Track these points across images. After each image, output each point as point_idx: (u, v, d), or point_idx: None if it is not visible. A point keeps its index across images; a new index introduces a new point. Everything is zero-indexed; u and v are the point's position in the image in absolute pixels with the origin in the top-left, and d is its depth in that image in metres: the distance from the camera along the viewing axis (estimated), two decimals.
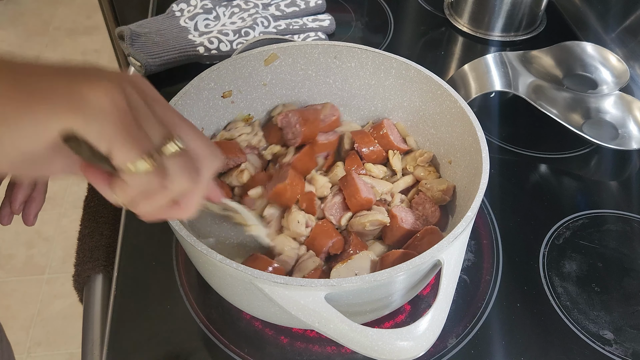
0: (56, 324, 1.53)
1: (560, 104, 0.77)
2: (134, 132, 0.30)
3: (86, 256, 0.66)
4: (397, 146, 0.65)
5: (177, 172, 0.33)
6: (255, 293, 0.45)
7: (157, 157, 0.31)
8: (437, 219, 0.59)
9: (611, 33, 0.92)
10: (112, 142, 0.29)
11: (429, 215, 0.59)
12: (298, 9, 0.92)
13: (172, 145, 0.32)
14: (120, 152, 0.30)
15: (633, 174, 0.75)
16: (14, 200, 0.53)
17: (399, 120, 0.68)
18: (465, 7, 0.95)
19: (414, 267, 0.43)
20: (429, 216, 0.59)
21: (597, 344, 0.56)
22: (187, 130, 0.34)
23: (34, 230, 1.71)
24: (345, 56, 0.66)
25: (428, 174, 0.63)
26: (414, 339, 0.41)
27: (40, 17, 2.55)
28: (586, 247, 0.64)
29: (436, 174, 0.64)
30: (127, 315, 0.56)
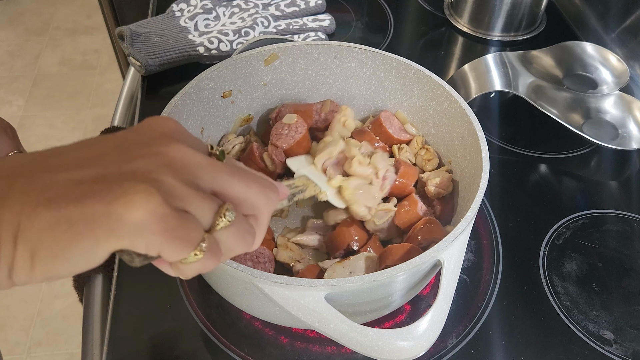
0: (56, 324, 1.53)
1: (560, 104, 0.77)
2: (179, 231, 0.30)
3: None
4: (398, 139, 0.65)
5: (232, 243, 0.33)
6: (255, 293, 0.45)
7: (209, 238, 0.31)
8: (438, 213, 0.59)
9: (611, 33, 0.92)
10: (161, 248, 0.30)
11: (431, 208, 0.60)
12: (298, 9, 0.92)
13: (222, 221, 0.32)
14: (171, 254, 0.30)
15: (633, 174, 0.75)
16: None
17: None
18: (465, 7, 0.95)
19: (414, 267, 0.43)
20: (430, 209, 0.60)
21: (597, 344, 0.56)
22: (237, 184, 0.33)
23: None
24: (345, 56, 0.66)
25: (426, 162, 0.63)
26: (414, 339, 0.41)
27: (40, 17, 2.56)
28: (586, 247, 0.64)
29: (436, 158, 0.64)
30: (127, 315, 0.56)
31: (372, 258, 0.53)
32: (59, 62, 2.33)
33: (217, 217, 0.31)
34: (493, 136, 0.77)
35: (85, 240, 0.28)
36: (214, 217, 0.31)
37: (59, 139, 1.99)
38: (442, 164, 0.64)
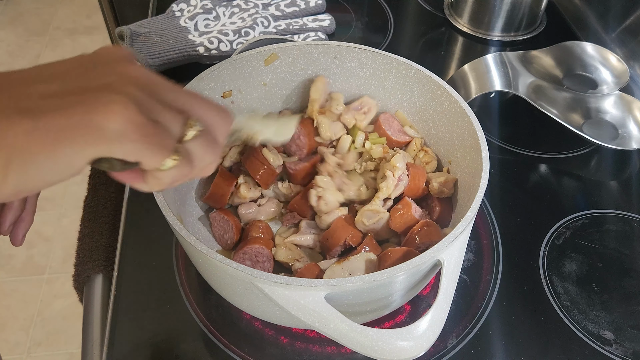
0: (56, 324, 1.53)
1: (560, 104, 0.77)
2: (155, 137, 0.32)
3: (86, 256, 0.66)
4: (396, 140, 0.65)
5: (201, 152, 0.35)
6: (255, 293, 0.45)
7: (181, 147, 0.34)
8: (437, 215, 0.59)
9: (611, 33, 0.92)
10: (139, 154, 0.31)
11: (430, 211, 0.60)
12: (298, 9, 0.92)
13: (190, 131, 0.34)
14: (149, 159, 0.32)
15: (633, 174, 0.75)
16: (2, 221, 0.53)
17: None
18: (465, 7, 0.95)
19: (414, 267, 0.43)
20: (429, 211, 0.60)
21: (597, 344, 0.56)
22: (197, 105, 0.36)
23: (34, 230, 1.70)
24: (345, 56, 0.66)
25: (425, 165, 0.63)
26: (414, 339, 0.41)
27: (40, 17, 2.55)
28: (586, 247, 0.64)
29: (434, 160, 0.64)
30: (127, 315, 0.56)
31: (371, 259, 0.53)
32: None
33: (186, 128, 0.34)
34: (493, 136, 0.77)
35: (64, 148, 0.29)
36: (182, 128, 0.34)
37: None
38: (441, 166, 0.64)
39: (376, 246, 0.56)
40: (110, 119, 0.30)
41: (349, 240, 0.57)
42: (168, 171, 0.34)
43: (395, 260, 0.51)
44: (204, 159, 0.36)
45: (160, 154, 0.33)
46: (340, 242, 0.57)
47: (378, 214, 0.58)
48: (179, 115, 0.34)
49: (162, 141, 0.32)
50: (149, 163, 0.33)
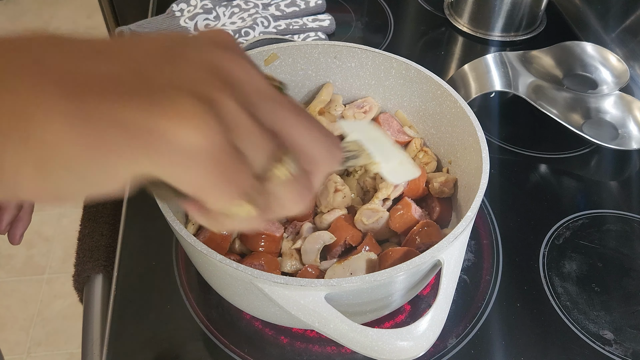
0: (56, 324, 1.53)
1: (560, 104, 0.77)
2: (230, 174, 0.23)
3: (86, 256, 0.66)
4: (396, 140, 0.65)
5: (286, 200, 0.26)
6: (255, 293, 0.45)
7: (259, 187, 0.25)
8: (437, 215, 0.59)
9: (611, 33, 0.92)
10: (203, 190, 0.23)
11: (429, 211, 0.60)
12: (298, 9, 0.92)
13: (280, 171, 0.25)
14: (213, 199, 0.24)
15: (633, 174, 0.75)
16: (0, 221, 0.53)
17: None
18: (465, 7, 0.95)
19: (414, 267, 0.43)
20: (429, 211, 0.60)
21: (597, 344, 0.56)
22: (302, 129, 0.26)
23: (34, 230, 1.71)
24: (345, 56, 0.66)
25: (425, 166, 0.63)
26: (414, 339, 0.41)
27: (40, 17, 2.56)
28: (586, 247, 0.64)
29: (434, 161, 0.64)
30: (127, 315, 0.56)
31: (371, 259, 0.53)
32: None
33: (276, 164, 0.25)
34: (493, 136, 0.77)
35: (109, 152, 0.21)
36: (270, 163, 0.25)
37: None
38: (441, 166, 0.64)
39: (376, 246, 0.56)
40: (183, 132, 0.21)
41: (349, 239, 0.57)
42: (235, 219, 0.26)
43: (395, 260, 0.51)
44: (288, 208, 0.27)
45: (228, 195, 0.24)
46: (340, 242, 0.56)
47: (377, 213, 0.58)
48: (270, 143, 0.25)
49: (237, 179, 0.24)
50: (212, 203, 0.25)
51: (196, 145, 0.22)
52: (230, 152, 0.23)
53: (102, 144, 0.21)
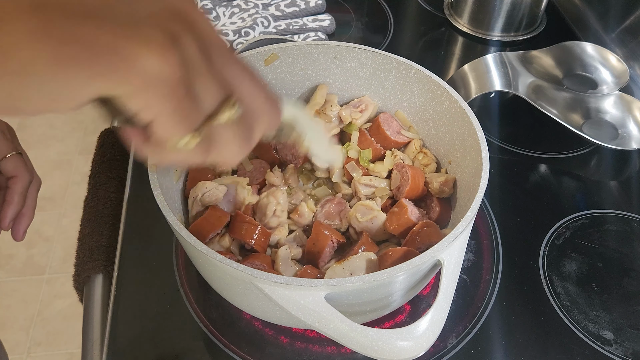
0: (56, 324, 1.53)
1: (560, 104, 0.77)
2: (184, 104, 0.25)
3: (86, 256, 0.66)
4: (395, 141, 0.65)
5: (227, 142, 0.28)
6: (255, 293, 0.45)
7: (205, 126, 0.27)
8: (437, 215, 0.59)
9: (611, 33, 0.92)
10: (157, 115, 0.25)
11: (429, 211, 0.60)
12: (298, 9, 0.92)
13: (226, 113, 0.27)
14: (165, 127, 0.25)
15: (633, 174, 0.75)
16: (3, 217, 0.53)
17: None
18: (465, 7, 0.95)
19: (414, 267, 0.43)
20: (428, 211, 0.60)
21: (597, 344, 0.56)
22: (247, 84, 0.29)
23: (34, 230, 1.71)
24: (345, 56, 0.66)
25: (424, 167, 0.63)
26: (414, 339, 0.41)
27: None
28: (586, 247, 0.64)
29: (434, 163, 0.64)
30: (127, 315, 0.56)
31: (371, 259, 0.53)
32: None
33: (223, 106, 0.27)
34: (493, 136, 0.77)
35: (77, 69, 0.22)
36: (218, 106, 0.27)
37: (59, 139, 1.99)
38: (440, 168, 0.64)
39: (373, 245, 0.56)
40: (146, 57, 0.23)
41: (334, 239, 0.56)
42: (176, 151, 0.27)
43: (395, 260, 0.51)
44: (227, 151, 0.29)
45: (181, 127, 0.26)
46: (325, 246, 0.56)
47: (372, 212, 0.57)
48: (220, 89, 0.27)
49: (189, 112, 0.25)
50: (163, 131, 0.26)
51: (157, 71, 0.23)
52: (186, 88, 0.24)
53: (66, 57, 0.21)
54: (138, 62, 0.23)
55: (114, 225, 0.68)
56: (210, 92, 0.26)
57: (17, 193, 0.55)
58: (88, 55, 0.22)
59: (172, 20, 0.24)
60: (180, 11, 0.25)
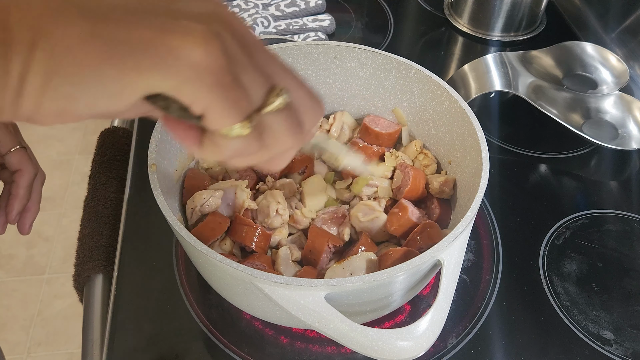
0: (56, 324, 1.53)
1: (560, 104, 0.77)
2: (233, 92, 0.26)
3: (86, 256, 0.66)
4: (387, 132, 0.65)
5: (280, 131, 0.29)
6: (255, 293, 0.45)
7: (257, 117, 0.27)
8: (437, 216, 0.59)
9: (611, 33, 0.92)
10: (208, 105, 0.25)
11: (429, 212, 0.60)
12: (298, 9, 0.92)
13: (276, 101, 0.28)
14: (217, 116, 0.26)
15: (633, 174, 0.75)
16: (10, 210, 0.53)
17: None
18: (465, 7, 0.95)
19: (414, 267, 0.43)
20: (429, 212, 0.60)
21: (597, 344, 0.56)
22: (290, 80, 0.29)
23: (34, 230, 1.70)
24: (345, 56, 0.66)
25: (425, 168, 0.63)
26: (414, 339, 0.41)
27: None
28: (586, 247, 0.64)
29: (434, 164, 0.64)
30: (127, 315, 0.56)
31: (371, 259, 0.53)
32: None
33: (271, 96, 0.27)
34: (493, 136, 0.77)
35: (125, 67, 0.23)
36: (266, 96, 0.27)
37: (59, 139, 1.99)
38: (440, 169, 0.64)
39: (372, 245, 0.56)
40: (189, 48, 0.24)
41: (331, 241, 0.56)
42: (233, 140, 0.27)
43: (395, 260, 0.51)
44: (281, 140, 0.29)
45: (232, 114, 0.26)
46: (323, 249, 0.56)
47: (374, 212, 0.57)
48: (265, 80, 0.28)
49: (238, 100, 0.26)
50: (216, 121, 0.26)
51: (202, 61, 0.24)
52: (231, 74, 0.25)
53: (115, 57, 0.23)
54: (183, 53, 0.24)
55: (114, 225, 0.68)
56: (256, 82, 0.27)
57: (23, 187, 0.55)
58: (136, 51, 0.23)
59: (211, 20, 0.26)
60: (218, 13, 0.27)
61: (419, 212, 0.58)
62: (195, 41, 0.24)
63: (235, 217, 0.57)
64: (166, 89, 0.25)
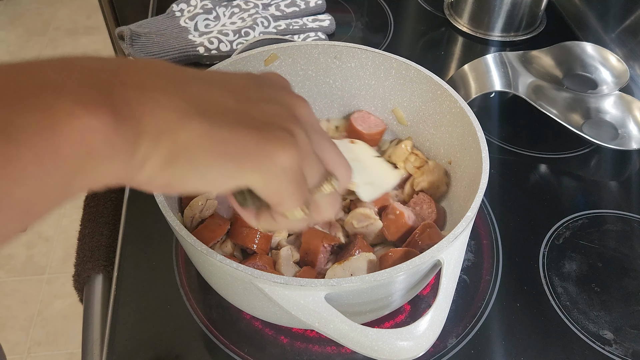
0: (56, 324, 1.53)
1: (560, 104, 0.77)
2: (302, 185, 0.32)
3: (86, 256, 0.66)
4: (369, 133, 0.66)
5: (324, 207, 0.35)
6: (255, 293, 0.45)
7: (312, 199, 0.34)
8: (433, 220, 0.59)
9: (611, 33, 0.92)
10: (283, 197, 0.31)
11: (426, 216, 0.59)
12: (298, 9, 0.92)
13: (327, 187, 0.34)
14: (287, 204, 0.32)
15: (633, 174, 0.75)
16: None
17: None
18: (465, 7, 0.95)
19: (413, 267, 0.43)
20: (425, 216, 0.59)
21: (597, 344, 0.56)
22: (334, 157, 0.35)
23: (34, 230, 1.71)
24: (345, 56, 0.66)
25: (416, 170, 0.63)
26: (414, 339, 0.41)
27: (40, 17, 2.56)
28: (586, 247, 0.64)
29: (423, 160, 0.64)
30: (127, 315, 0.56)
31: (372, 259, 0.53)
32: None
33: (324, 181, 0.34)
34: (493, 136, 0.77)
35: (230, 164, 0.29)
36: (320, 182, 0.34)
37: None
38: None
39: (368, 247, 0.56)
40: (280, 154, 0.29)
41: (325, 241, 0.56)
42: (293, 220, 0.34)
43: (395, 261, 0.51)
44: (324, 213, 0.36)
45: (297, 203, 0.32)
46: (319, 249, 0.56)
47: (369, 219, 0.57)
48: (320, 167, 0.34)
49: (304, 191, 0.32)
50: (285, 207, 0.33)
51: (288, 164, 0.30)
52: (302, 171, 0.31)
53: (224, 156, 0.28)
54: (275, 159, 0.29)
55: (114, 225, 0.68)
56: (315, 170, 0.33)
57: None
58: (240, 153, 0.29)
59: (288, 117, 0.31)
60: (290, 106, 0.33)
61: (414, 215, 0.58)
62: (284, 148, 0.30)
63: (236, 219, 0.57)
64: (254, 185, 0.30)
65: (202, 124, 0.28)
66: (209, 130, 0.28)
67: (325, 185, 0.34)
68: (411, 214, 0.58)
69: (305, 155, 0.31)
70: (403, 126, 0.68)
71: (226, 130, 0.28)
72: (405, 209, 0.58)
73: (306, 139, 0.32)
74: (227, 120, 0.29)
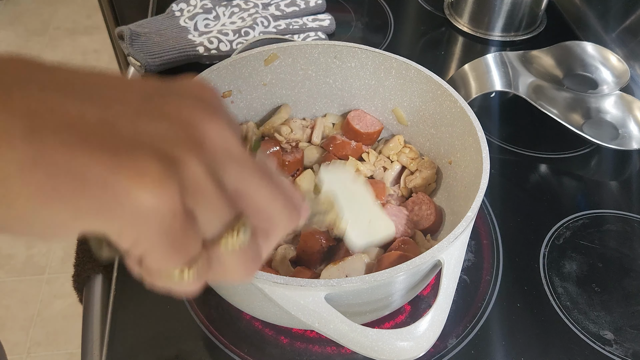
0: (56, 324, 1.53)
1: (560, 104, 0.77)
2: (180, 237, 0.23)
3: (86, 256, 0.66)
4: (367, 132, 0.66)
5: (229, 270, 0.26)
6: (255, 293, 0.45)
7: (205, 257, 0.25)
8: (430, 223, 0.59)
9: (611, 33, 0.92)
10: (147, 252, 0.23)
11: (423, 218, 0.59)
12: (298, 9, 0.91)
13: (232, 240, 0.25)
14: (156, 261, 0.24)
15: (633, 174, 0.75)
16: None
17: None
18: (465, 7, 0.95)
19: (414, 267, 0.43)
20: (422, 218, 0.59)
21: (597, 344, 0.56)
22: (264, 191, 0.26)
23: None
24: (345, 56, 0.66)
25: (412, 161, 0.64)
26: (414, 339, 0.41)
27: (40, 17, 2.55)
28: (586, 247, 0.64)
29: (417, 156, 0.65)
30: (127, 315, 0.56)
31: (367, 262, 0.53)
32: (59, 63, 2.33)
33: (229, 232, 0.25)
34: (493, 136, 0.77)
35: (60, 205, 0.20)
36: (222, 230, 0.24)
37: None
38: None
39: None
40: (140, 193, 0.21)
41: (324, 241, 0.56)
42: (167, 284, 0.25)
43: (392, 262, 0.51)
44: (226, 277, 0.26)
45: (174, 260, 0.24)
46: (317, 248, 0.55)
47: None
48: (229, 210, 0.24)
49: (185, 244, 0.23)
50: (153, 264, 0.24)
51: (149, 208, 0.21)
52: (183, 217, 0.22)
53: (51, 192, 0.20)
54: (129, 198, 0.21)
55: None
56: (216, 215, 0.24)
57: None
58: (75, 190, 0.20)
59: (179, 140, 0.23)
60: (192, 124, 0.23)
61: (404, 224, 0.58)
62: (146, 183, 0.21)
63: None
64: (107, 233, 0.22)
65: (27, 147, 0.20)
66: (34, 155, 0.20)
67: (229, 238, 0.24)
68: (400, 225, 0.58)
69: (196, 193, 0.22)
70: (403, 126, 0.68)
71: (60, 155, 0.20)
72: (397, 215, 0.58)
73: (203, 171, 0.23)
74: (71, 141, 0.20)
